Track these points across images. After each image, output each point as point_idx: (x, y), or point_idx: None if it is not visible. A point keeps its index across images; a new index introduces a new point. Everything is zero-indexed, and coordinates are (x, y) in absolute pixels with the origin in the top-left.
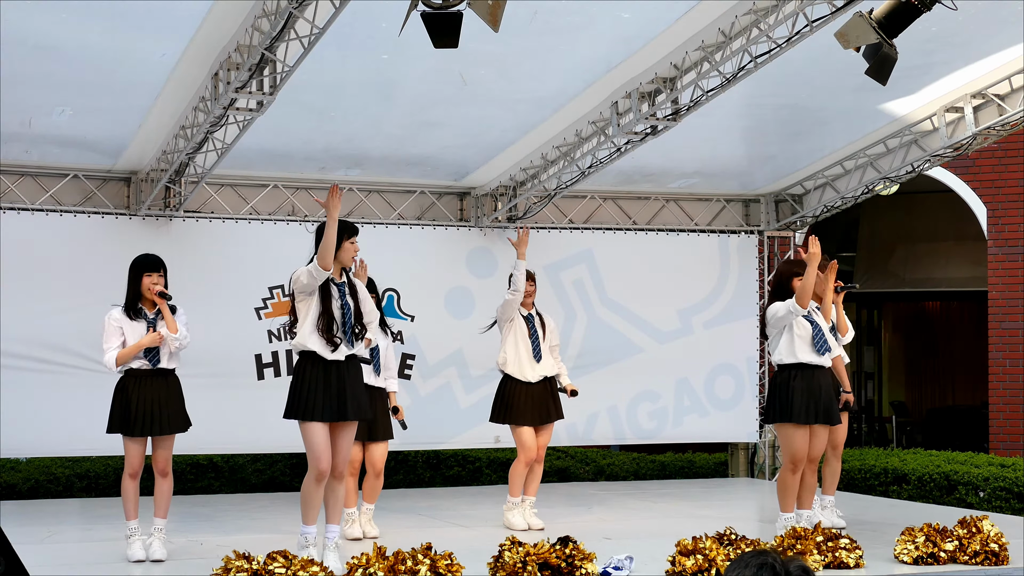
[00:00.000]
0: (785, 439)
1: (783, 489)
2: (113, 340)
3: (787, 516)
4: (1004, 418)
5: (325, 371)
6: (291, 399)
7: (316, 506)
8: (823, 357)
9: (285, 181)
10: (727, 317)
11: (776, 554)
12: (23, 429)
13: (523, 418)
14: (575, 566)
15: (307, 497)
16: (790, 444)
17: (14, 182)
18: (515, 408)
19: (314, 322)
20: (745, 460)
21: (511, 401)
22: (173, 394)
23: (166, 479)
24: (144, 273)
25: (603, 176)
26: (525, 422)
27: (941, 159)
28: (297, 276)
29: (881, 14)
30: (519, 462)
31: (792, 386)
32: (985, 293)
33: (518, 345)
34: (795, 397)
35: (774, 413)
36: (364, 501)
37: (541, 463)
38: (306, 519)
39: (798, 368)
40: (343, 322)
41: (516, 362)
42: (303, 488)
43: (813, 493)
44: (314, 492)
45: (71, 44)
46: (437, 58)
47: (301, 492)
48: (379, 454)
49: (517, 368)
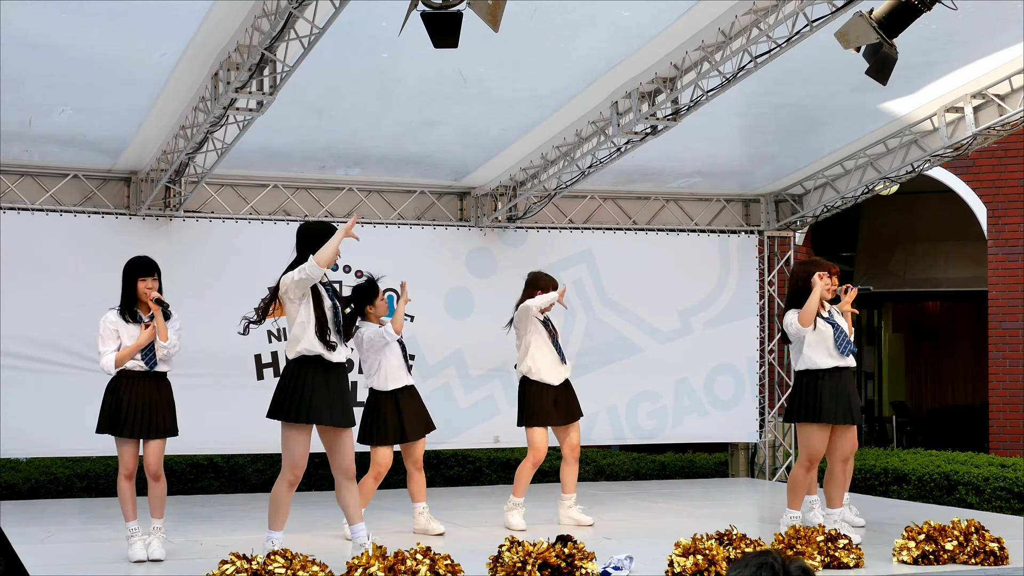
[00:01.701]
0: (806, 437)
1: (794, 486)
2: (110, 343)
3: (793, 514)
4: (1004, 418)
5: (328, 374)
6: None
7: (286, 511)
8: (848, 358)
9: (285, 181)
10: (727, 317)
11: (777, 554)
12: (23, 429)
13: (548, 418)
14: (575, 566)
15: (279, 502)
16: (810, 443)
17: (14, 182)
18: (540, 410)
19: (313, 324)
20: (745, 460)
21: (535, 403)
22: (163, 397)
23: (158, 482)
24: (139, 277)
25: (603, 176)
26: (550, 422)
27: (941, 159)
28: (291, 280)
29: (881, 14)
30: (527, 462)
31: (820, 386)
32: (985, 293)
33: (543, 351)
34: (824, 397)
35: (802, 412)
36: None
37: (577, 461)
38: (276, 524)
39: (825, 370)
40: (335, 322)
41: (543, 368)
42: (276, 492)
43: (844, 491)
44: (286, 496)
45: (71, 44)
46: (437, 57)
47: (272, 496)
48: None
49: (544, 374)
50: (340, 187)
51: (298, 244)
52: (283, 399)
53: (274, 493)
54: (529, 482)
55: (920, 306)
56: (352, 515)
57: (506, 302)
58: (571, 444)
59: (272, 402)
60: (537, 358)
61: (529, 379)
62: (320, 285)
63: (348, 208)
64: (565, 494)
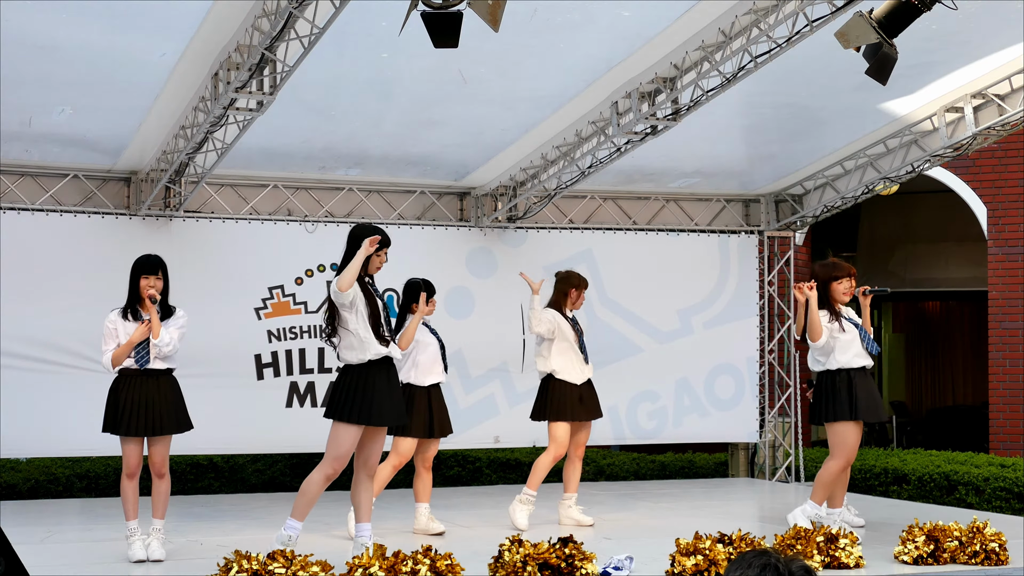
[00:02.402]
0: (844, 435)
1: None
2: (110, 342)
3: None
4: (1004, 418)
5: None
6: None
7: (313, 503)
8: (869, 359)
9: (285, 181)
10: (727, 317)
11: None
12: (23, 429)
13: (572, 413)
14: (575, 566)
15: (311, 492)
16: (848, 440)
17: (14, 182)
18: (564, 405)
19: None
20: (745, 460)
21: (558, 399)
22: (166, 395)
23: (163, 480)
24: (141, 275)
25: (603, 176)
26: (574, 417)
27: (941, 159)
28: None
29: (881, 14)
30: (548, 456)
31: (854, 385)
32: (985, 293)
33: (568, 352)
34: (859, 396)
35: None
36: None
37: (581, 459)
38: (300, 514)
39: (856, 369)
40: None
41: (567, 368)
42: (310, 482)
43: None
44: (319, 488)
45: (71, 44)
46: (437, 57)
47: (305, 485)
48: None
49: (568, 374)
50: (340, 187)
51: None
52: (347, 399)
53: (309, 482)
54: (545, 476)
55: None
56: (363, 513)
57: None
58: (579, 442)
59: (333, 402)
60: (560, 360)
61: (554, 377)
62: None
63: (348, 208)
64: (567, 493)
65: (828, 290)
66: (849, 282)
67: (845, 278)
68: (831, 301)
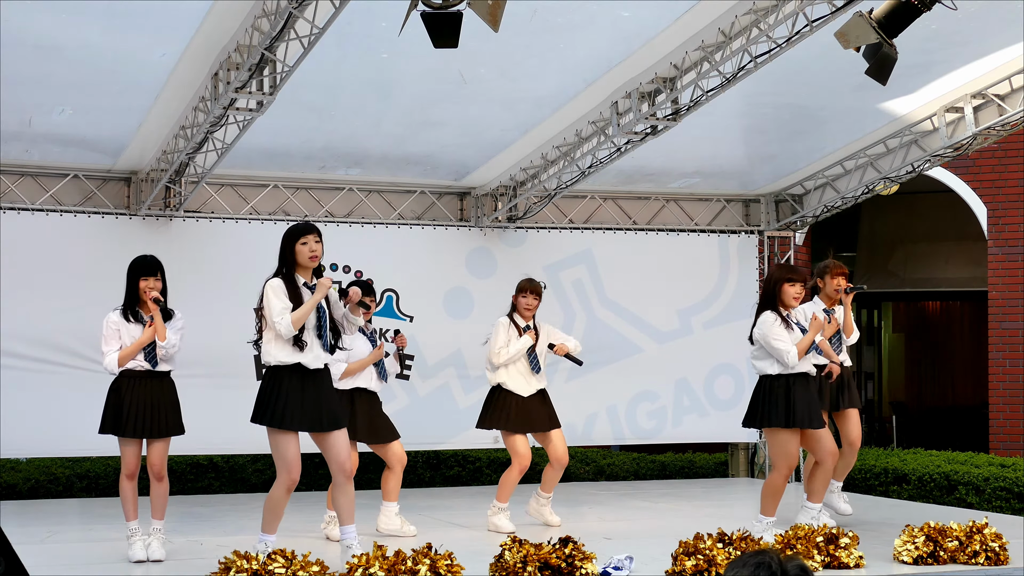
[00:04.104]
0: (782, 445)
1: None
2: (112, 343)
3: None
4: (1004, 418)
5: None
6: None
7: (281, 515)
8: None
9: (285, 181)
10: (727, 317)
11: (775, 554)
12: (23, 429)
13: (507, 423)
14: (575, 566)
15: (276, 506)
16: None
17: (14, 182)
18: (500, 414)
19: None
20: (745, 460)
21: (498, 408)
22: (167, 396)
23: (161, 482)
24: (140, 276)
25: (603, 176)
26: (509, 427)
27: (941, 159)
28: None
29: (881, 14)
30: (513, 469)
31: (793, 391)
32: (985, 293)
33: (514, 364)
34: (796, 402)
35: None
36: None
37: (563, 466)
38: (270, 528)
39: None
40: (318, 327)
41: (512, 379)
42: (273, 497)
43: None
44: (283, 501)
45: (71, 44)
46: (437, 57)
47: (269, 500)
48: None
49: (514, 385)
50: (340, 187)
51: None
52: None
53: (271, 497)
54: (514, 489)
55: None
56: (344, 516)
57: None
58: (555, 453)
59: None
60: (505, 371)
61: (502, 387)
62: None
63: (348, 208)
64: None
65: (779, 291)
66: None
67: (799, 282)
68: (779, 303)
